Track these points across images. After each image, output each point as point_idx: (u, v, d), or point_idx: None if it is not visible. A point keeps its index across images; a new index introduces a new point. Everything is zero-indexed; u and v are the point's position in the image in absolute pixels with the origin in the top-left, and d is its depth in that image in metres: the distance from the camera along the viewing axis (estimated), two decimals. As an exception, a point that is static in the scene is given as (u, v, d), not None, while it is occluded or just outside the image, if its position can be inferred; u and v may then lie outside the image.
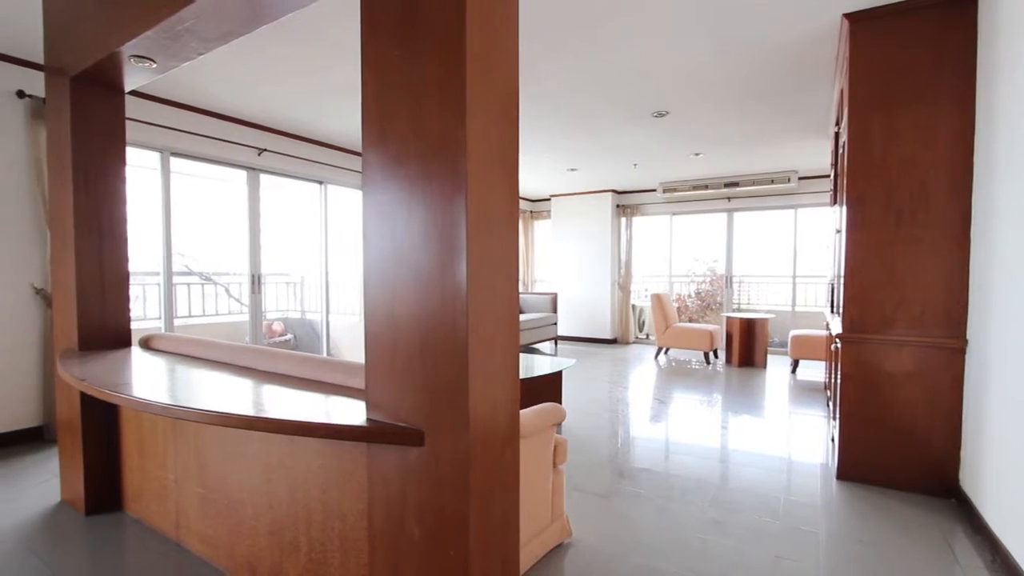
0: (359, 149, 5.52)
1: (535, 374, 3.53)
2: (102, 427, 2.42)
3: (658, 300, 6.69)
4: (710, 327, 6.48)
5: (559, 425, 2.14)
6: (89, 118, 2.39)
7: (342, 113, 4.41)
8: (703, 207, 7.76)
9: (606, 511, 2.47)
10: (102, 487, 2.42)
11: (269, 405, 1.60)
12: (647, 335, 8.68)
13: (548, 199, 8.79)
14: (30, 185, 3.34)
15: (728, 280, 7.85)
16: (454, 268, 1.14)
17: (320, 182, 5.53)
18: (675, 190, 7.45)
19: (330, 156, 5.43)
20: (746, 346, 6.26)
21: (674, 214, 8.09)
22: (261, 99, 4.05)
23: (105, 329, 2.48)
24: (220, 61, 3.28)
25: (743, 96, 3.90)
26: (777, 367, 6.20)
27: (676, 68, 3.39)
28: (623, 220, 8.22)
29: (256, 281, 4.88)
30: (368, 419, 1.31)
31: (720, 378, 5.63)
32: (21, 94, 3.28)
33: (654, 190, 7.85)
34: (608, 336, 8.14)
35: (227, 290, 6.11)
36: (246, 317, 4.93)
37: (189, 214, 4.86)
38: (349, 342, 6.07)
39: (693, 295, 8.33)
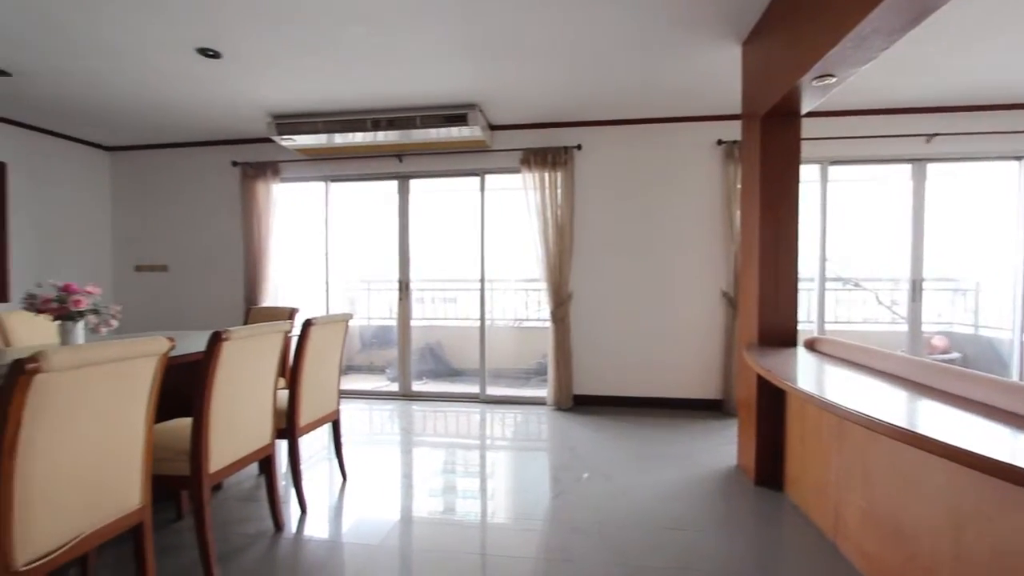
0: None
1: None
2: (772, 412, 2.78)
3: None
4: None
5: None
6: (772, 148, 2.79)
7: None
8: None
9: None
10: (769, 464, 2.79)
11: (961, 433, 1.33)
12: None
13: None
14: (721, 211, 4.29)
15: None
16: None
17: (1020, 158, 4.19)
18: None
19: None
20: None
21: None
22: (933, 73, 3.47)
23: (776, 330, 2.84)
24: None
25: None
26: None
27: None
28: None
29: (915, 287, 4.30)
30: None
31: None
32: (719, 142, 4.28)
33: None
34: None
35: (876, 297, 5.68)
36: (896, 327, 4.42)
37: (838, 219, 4.83)
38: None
39: None
